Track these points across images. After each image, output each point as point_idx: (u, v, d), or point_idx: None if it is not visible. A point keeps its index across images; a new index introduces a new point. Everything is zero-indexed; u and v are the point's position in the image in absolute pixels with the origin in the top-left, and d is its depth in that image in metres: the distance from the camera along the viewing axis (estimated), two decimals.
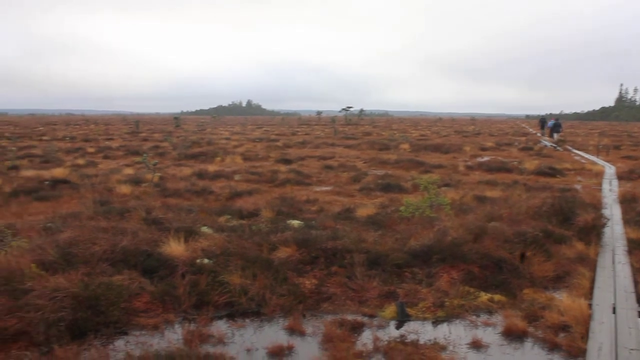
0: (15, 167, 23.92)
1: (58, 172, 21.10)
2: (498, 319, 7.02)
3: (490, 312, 7.26)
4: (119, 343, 6.30)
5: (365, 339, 6.41)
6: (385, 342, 6.25)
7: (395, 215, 11.70)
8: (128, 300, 7.00)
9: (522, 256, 8.88)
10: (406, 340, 6.31)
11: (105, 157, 29.80)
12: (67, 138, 47.85)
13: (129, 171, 21.86)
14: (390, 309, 7.19)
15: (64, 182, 18.37)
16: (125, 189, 16.23)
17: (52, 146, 34.44)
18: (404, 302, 7.22)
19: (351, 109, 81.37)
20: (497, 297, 7.62)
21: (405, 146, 35.41)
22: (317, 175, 21.17)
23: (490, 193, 15.65)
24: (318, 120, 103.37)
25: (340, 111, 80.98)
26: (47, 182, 18.24)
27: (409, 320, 6.98)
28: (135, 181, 18.13)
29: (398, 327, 6.83)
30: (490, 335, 6.56)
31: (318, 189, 18.08)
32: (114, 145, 37.41)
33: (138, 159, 26.57)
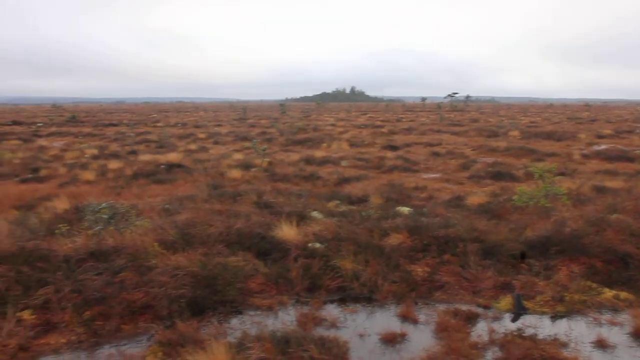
0: (134, 152, 25.31)
1: (172, 156, 22.09)
2: (625, 318, 6.57)
3: (615, 310, 6.82)
4: (235, 321, 6.48)
5: (480, 330, 6.23)
6: (502, 335, 6.03)
7: (508, 205, 11.29)
8: (243, 280, 7.19)
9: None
10: (524, 334, 6.05)
11: (216, 143, 30.83)
12: (179, 124, 50.01)
13: (239, 156, 22.49)
14: (506, 301, 6.95)
15: (178, 166, 19.22)
16: (236, 173, 16.72)
17: (166, 132, 36.08)
18: (520, 294, 6.94)
19: (457, 95, 79.52)
20: (623, 294, 7.15)
21: (515, 133, 34.12)
22: (424, 162, 20.85)
23: (611, 183, 14.74)
24: (423, 107, 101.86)
25: (445, 97, 79.36)
26: (163, 166, 19.14)
27: (526, 314, 6.71)
28: (245, 166, 18.63)
29: (514, 320, 6.58)
30: (616, 335, 6.16)
31: (426, 175, 17.80)
32: (223, 131, 38.63)
33: (247, 144, 27.31)
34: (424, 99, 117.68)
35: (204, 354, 5.15)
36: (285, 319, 6.47)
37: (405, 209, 10.70)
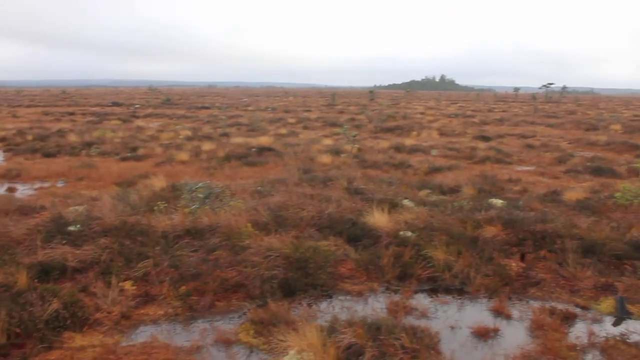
0: (226, 134, 25.96)
1: (263, 140, 22.49)
2: None
3: None
4: (324, 305, 6.51)
5: (579, 331, 5.94)
6: (602, 339, 5.73)
7: (610, 202, 10.74)
8: (334, 265, 7.22)
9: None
10: (628, 340, 5.72)
11: (305, 128, 31.13)
12: (269, 109, 50.86)
13: (328, 142, 22.59)
14: (607, 303, 6.60)
15: (268, 149, 19.55)
16: (325, 158, 16.81)
17: (257, 116, 36.76)
18: (624, 297, 6.58)
19: (552, 86, 76.38)
20: None
21: (617, 127, 32.40)
22: (517, 154, 20.20)
23: None
24: (515, 97, 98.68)
25: (540, 88, 76.38)
26: (254, 149, 19.53)
27: (630, 318, 6.35)
28: (335, 151, 18.70)
29: (616, 324, 6.25)
30: None
31: (519, 168, 17.25)
32: (312, 117, 38.95)
33: (336, 130, 27.40)
34: (517, 89, 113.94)
35: (296, 335, 5.21)
36: (375, 306, 6.44)
37: (498, 202, 10.40)
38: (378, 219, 8.43)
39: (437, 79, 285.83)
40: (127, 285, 6.59)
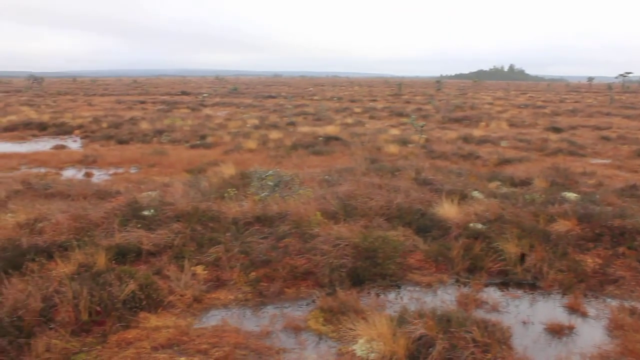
0: (292, 123, 26.15)
1: (330, 129, 22.53)
2: None
3: None
4: (392, 295, 6.48)
5: None
6: None
7: None
8: (403, 255, 7.16)
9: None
10: None
11: (371, 117, 31.01)
12: (335, 98, 50.89)
13: (395, 132, 22.44)
14: None
15: (335, 138, 19.57)
16: (392, 148, 16.71)
17: (323, 105, 36.84)
18: None
19: (630, 75, 73.15)
20: None
21: None
22: (591, 147, 19.48)
23: None
24: (589, 87, 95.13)
25: (616, 77, 73.29)
26: (320, 138, 19.59)
27: None
28: (402, 141, 18.55)
29: None
30: None
31: (594, 161, 16.64)
32: (379, 107, 38.75)
33: (403, 120, 27.18)
34: (590, 78, 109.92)
35: (366, 324, 5.20)
36: (444, 298, 6.37)
37: (572, 195, 10.05)
38: (447, 210, 8.31)
39: (506, 69, 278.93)
40: (199, 269, 6.74)
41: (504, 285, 6.86)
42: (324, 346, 5.31)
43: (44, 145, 21.25)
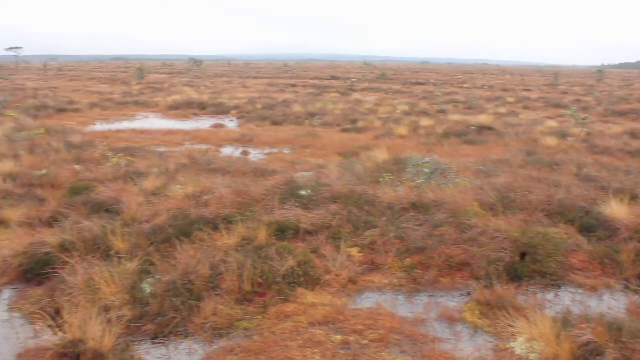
0: (442, 111, 25.72)
1: (482, 118, 21.88)
2: None
3: None
4: (552, 295, 6.18)
5: None
6: None
7: None
8: (564, 255, 6.79)
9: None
10: None
11: (525, 108, 29.70)
12: (486, 87, 49.30)
13: (552, 123, 21.31)
14: None
15: (488, 128, 18.98)
16: (550, 141, 15.90)
17: (474, 94, 35.79)
18: None
19: None
20: None
21: None
22: None
23: None
24: None
25: None
26: (473, 127, 19.09)
27: None
28: (561, 134, 17.57)
29: None
30: None
31: None
32: (533, 97, 36.99)
33: (560, 112, 25.76)
34: None
35: (526, 323, 5.01)
36: (611, 304, 5.95)
37: None
38: (616, 210, 7.74)
39: None
40: (354, 251, 6.86)
41: None
42: (480, 340, 5.19)
43: (204, 123, 22.65)
